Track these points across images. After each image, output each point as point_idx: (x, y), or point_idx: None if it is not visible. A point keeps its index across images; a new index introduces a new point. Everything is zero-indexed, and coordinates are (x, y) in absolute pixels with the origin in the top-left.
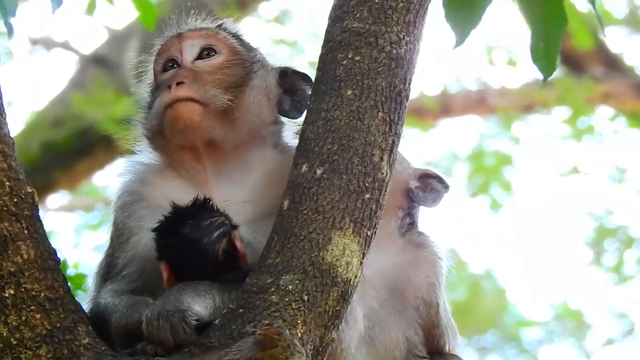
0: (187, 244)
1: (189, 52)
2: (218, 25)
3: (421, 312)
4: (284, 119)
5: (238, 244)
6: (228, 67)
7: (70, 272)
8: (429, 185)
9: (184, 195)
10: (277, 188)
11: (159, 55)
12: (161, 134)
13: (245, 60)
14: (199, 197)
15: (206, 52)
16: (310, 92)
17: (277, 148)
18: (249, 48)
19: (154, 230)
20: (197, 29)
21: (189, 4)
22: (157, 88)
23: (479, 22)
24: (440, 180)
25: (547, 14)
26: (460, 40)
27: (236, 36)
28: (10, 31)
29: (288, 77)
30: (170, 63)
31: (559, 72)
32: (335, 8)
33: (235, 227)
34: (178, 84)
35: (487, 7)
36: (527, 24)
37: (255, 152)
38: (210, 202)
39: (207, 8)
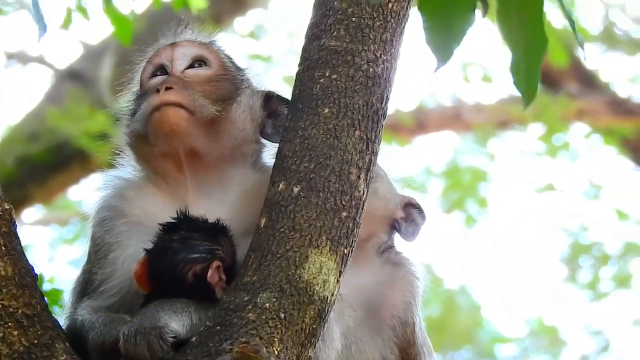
0: (166, 248)
1: (180, 61)
2: (211, 40)
3: (397, 331)
4: (264, 141)
5: (212, 276)
6: (217, 81)
7: (46, 286)
8: (411, 216)
9: (163, 211)
10: (254, 206)
11: (149, 63)
12: (144, 139)
13: (234, 77)
14: (217, 220)
15: (197, 63)
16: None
17: (256, 167)
18: (238, 67)
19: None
20: (190, 40)
21: (164, 19)
22: (143, 95)
23: (459, 44)
24: (420, 211)
25: (528, 37)
26: (441, 63)
27: (227, 54)
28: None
29: (272, 102)
30: (159, 71)
31: None
32: (312, 26)
33: (220, 260)
34: (167, 88)
35: (467, 29)
36: (507, 46)
37: (235, 170)
38: (221, 227)
39: (184, 22)
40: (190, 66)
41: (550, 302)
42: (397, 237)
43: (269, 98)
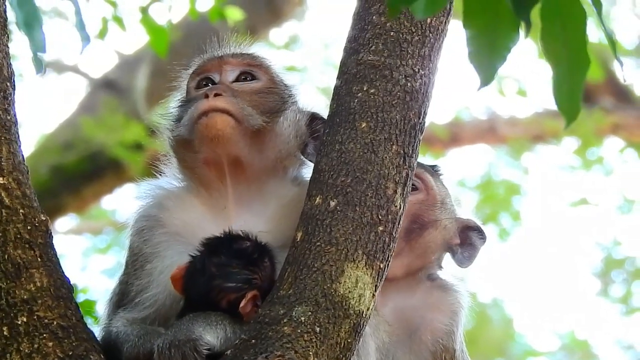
0: (204, 270)
1: (229, 73)
2: (260, 55)
3: (437, 355)
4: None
5: (245, 307)
6: (266, 93)
7: (79, 297)
8: (468, 239)
9: (203, 223)
10: (291, 220)
11: (196, 73)
12: (189, 145)
13: (282, 92)
14: (260, 242)
15: (246, 76)
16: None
17: (296, 182)
18: (286, 84)
19: (206, 239)
20: (239, 54)
21: (200, 30)
22: (189, 102)
23: (503, 62)
24: (479, 233)
25: (571, 56)
26: (485, 81)
27: (275, 69)
28: (39, 67)
29: (316, 123)
30: (205, 81)
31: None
32: (350, 40)
33: (257, 288)
34: (216, 95)
35: (511, 48)
36: (550, 65)
37: (276, 183)
38: (262, 250)
39: (230, 34)
40: (238, 79)
41: (582, 316)
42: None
43: (314, 119)
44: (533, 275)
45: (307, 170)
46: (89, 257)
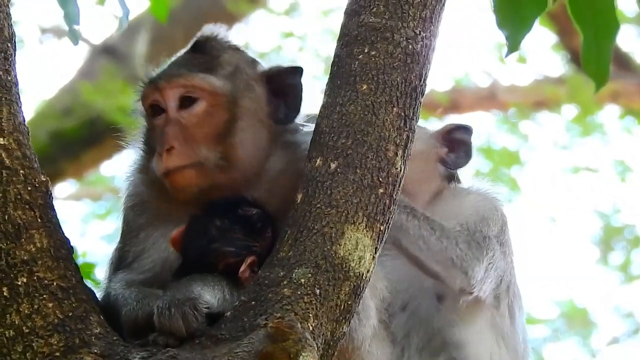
0: (205, 232)
1: (171, 101)
2: (193, 70)
3: None
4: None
5: (244, 272)
6: (211, 114)
7: (78, 261)
8: (455, 140)
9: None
10: (285, 183)
11: (144, 99)
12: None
13: (227, 98)
14: (265, 211)
15: (185, 102)
16: (301, 85)
17: (287, 147)
18: (228, 74)
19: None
20: (172, 76)
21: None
22: (151, 130)
23: (531, 28)
24: (462, 128)
25: (600, 20)
26: (512, 48)
27: (213, 67)
28: (74, 38)
29: (275, 79)
30: (156, 108)
31: (568, 70)
32: (351, 2)
33: (257, 255)
34: (168, 150)
35: (539, 15)
36: (579, 29)
37: (264, 165)
38: (266, 218)
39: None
40: (182, 105)
41: (581, 284)
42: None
43: (271, 78)
44: (532, 244)
45: (302, 134)
46: (88, 223)
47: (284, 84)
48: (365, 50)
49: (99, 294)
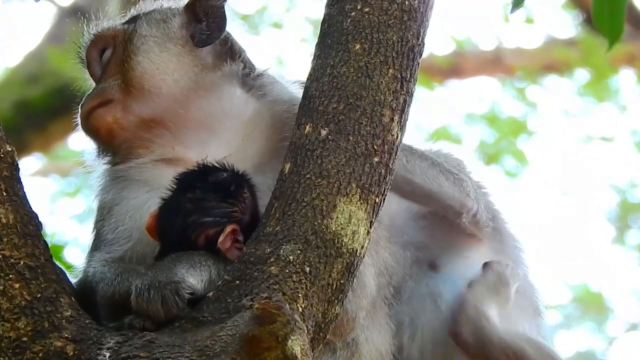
0: (178, 208)
1: (95, 61)
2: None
3: None
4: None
5: (224, 242)
6: (119, 55)
7: (47, 242)
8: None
9: (158, 170)
10: (258, 140)
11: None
12: None
13: (123, 37)
14: (238, 171)
15: (103, 52)
16: (222, 5)
17: (249, 91)
18: (131, 18)
19: (179, 175)
20: (92, 33)
21: None
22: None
23: None
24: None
25: None
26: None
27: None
28: None
29: (198, 7)
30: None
31: (580, 31)
32: None
33: (237, 222)
34: (101, 104)
35: None
36: None
37: (219, 101)
38: (241, 179)
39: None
40: (102, 58)
41: (596, 266)
42: None
43: (192, 7)
44: (541, 222)
45: (270, 80)
46: (56, 201)
47: (203, 8)
48: (358, 7)
49: (74, 277)
